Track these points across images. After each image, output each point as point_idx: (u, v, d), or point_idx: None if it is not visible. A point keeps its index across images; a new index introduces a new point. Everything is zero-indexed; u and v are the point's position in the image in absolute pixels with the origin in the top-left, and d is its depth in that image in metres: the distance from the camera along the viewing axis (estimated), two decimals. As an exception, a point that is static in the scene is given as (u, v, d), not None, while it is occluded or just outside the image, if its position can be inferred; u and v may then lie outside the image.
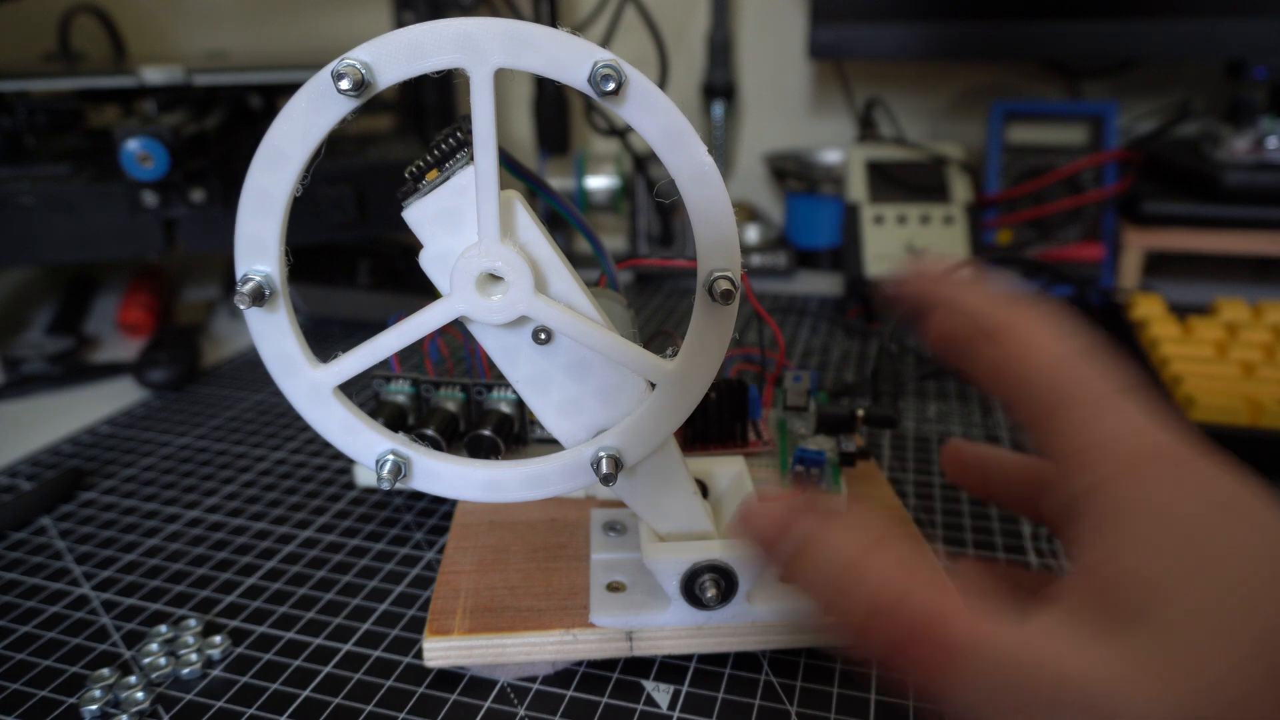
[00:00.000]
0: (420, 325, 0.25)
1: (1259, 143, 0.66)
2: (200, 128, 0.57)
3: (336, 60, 0.22)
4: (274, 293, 0.25)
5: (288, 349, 0.26)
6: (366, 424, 0.27)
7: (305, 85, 0.23)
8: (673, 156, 0.24)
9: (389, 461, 0.27)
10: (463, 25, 0.22)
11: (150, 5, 0.90)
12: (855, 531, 0.21)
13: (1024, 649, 0.19)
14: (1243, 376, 0.47)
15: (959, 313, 0.27)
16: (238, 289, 0.24)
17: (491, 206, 0.24)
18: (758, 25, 0.85)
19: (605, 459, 0.27)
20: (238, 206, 0.24)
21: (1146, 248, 0.69)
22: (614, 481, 0.27)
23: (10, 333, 0.66)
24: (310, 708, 0.30)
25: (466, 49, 0.23)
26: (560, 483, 0.28)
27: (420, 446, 0.27)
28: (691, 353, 0.27)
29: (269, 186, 0.24)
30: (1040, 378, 0.23)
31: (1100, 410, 0.22)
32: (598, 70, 0.23)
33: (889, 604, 0.20)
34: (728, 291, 0.25)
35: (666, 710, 0.29)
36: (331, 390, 0.26)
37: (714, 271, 0.25)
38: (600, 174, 0.77)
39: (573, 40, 0.23)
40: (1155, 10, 0.67)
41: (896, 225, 0.71)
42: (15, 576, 0.37)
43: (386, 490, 0.27)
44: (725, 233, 0.25)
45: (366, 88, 0.23)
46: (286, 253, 0.25)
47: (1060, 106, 0.75)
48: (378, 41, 0.23)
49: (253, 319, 0.25)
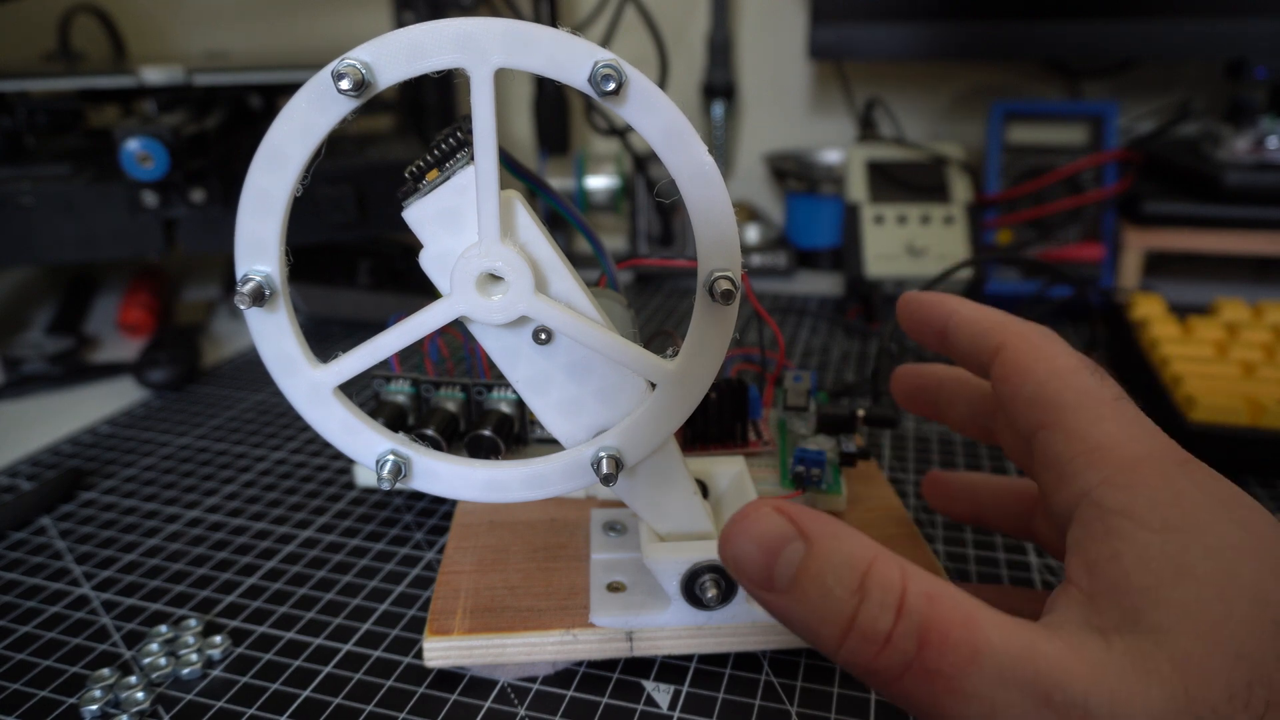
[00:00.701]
0: (420, 325, 0.25)
1: (1259, 143, 0.66)
2: (200, 128, 0.57)
3: (337, 60, 0.22)
4: (274, 293, 0.25)
5: (288, 349, 0.26)
6: (366, 424, 0.27)
7: (305, 85, 0.23)
8: (673, 156, 0.24)
9: (389, 461, 0.27)
10: (463, 25, 0.22)
11: (150, 5, 0.90)
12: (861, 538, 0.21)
13: (1031, 652, 0.19)
14: (1243, 376, 0.47)
15: (963, 329, 0.27)
16: (238, 289, 0.24)
17: (491, 206, 0.24)
18: (758, 25, 0.85)
19: (606, 459, 0.27)
20: (238, 207, 0.24)
21: (1146, 248, 0.69)
22: (614, 482, 0.27)
23: (10, 333, 0.66)
24: (310, 708, 0.30)
25: (467, 49, 0.23)
26: (560, 483, 0.28)
27: (420, 446, 0.27)
28: (692, 353, 0.27)
29: (269, 187, 0.24)
30: (1041, 387, 0.24)
31: (1099, 415, 0.23)
32: (598, 70, 0.23)
33: (917, 605, 0.19)
34: (728, 292, 0.25)
35: (667, 710, 0.29)
36: (331, 390, 0.26)
37: (714, 272, 0.25)
38: (600, 174, 0.77)
39: (573, 40, 0.23)
40: (1155, 10, 0.67)
41: (896, 225, 0.71)
42: (15, 576, 0.37)
43: (387, 490, 0.27)
44: (726, 233, 0.25)
45: (367, 88, 0.23)
46: (287, 253, 0.25)
47: (1060, 106, 0.75)
48: (378, 41, 0.23)
49: (253, 319, 0.25)
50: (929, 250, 0.70)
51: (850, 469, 0.38)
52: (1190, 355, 0.49)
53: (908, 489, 0.43)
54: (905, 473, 0.44)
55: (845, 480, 0.38)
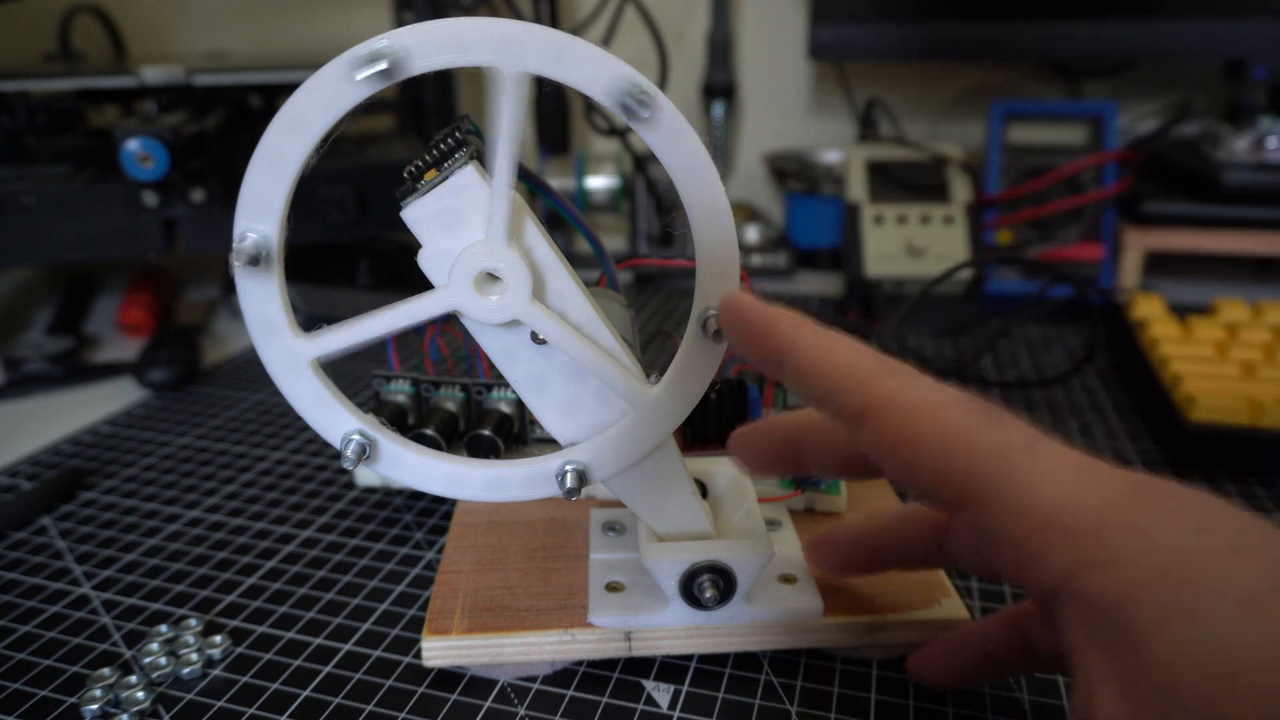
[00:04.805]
0: (411, 313, 0.25)
1: (1259, 143, 0.66)
2: (200, 128, 0.57)
3: (376, 37, 0.22)
4: (270, 257, 0.24)
5: (272, 314, 0.25)
6: (339, 401, 0.26)
7: (339, 57, 0.23)
8: (692, 193, 0.25)
9: (354, 442, 0.27)
10: (510, 27, 0.23)
11: (150, 5, 0.90)
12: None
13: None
14: (1243, 376, 0.47)
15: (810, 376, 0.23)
16: (235, 246, 0.24)
17: (504, 207, 0.24)
18: (758, 25, 0.85)
19: (571, 473, 0.27)
20: (249, 163, 0.24)
21: (1146, 248, 0.69)
22: (577, 495, 0.27)
23: (10, 333, 0.66)
24: (310, 707, 0.30)
25: (507, 51, 0.23)
26: (521, 489, 0.28)
27: (389, 431, 0.27)
28: (674, 382, 0.27)
29: (285, 148, 0.24)
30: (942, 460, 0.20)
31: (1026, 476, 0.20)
32: (633, 96, 0.23)
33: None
34: (721, 331, 0.26)
35: (666, 710, 0.29)
36: (309, 362, 0.26)
37: (710, 309, 0.26)
38: (600, 174, 0.77)
39: (613, 61, 0.23)
40: (1155, 10, 0.67)
41: (896, 225, 0.71)
42: (15, 576, 0.37)
43: (350, 468, 0.27)
44: (729, 270, 0.26)
45: (401, 69, 0.23)
46: (289, 218, 0.25)
47: (1060, 106, 0.75)
48: (422, 27, 0.23)
49: (243, 280, 0.25)
50: (929, 250, 0.70)
51: (850, 469, 0.38)
52: (1190, 355, 0.49)
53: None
54: (905, 473, 0.44)
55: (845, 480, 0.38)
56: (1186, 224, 0.67)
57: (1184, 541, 0.18)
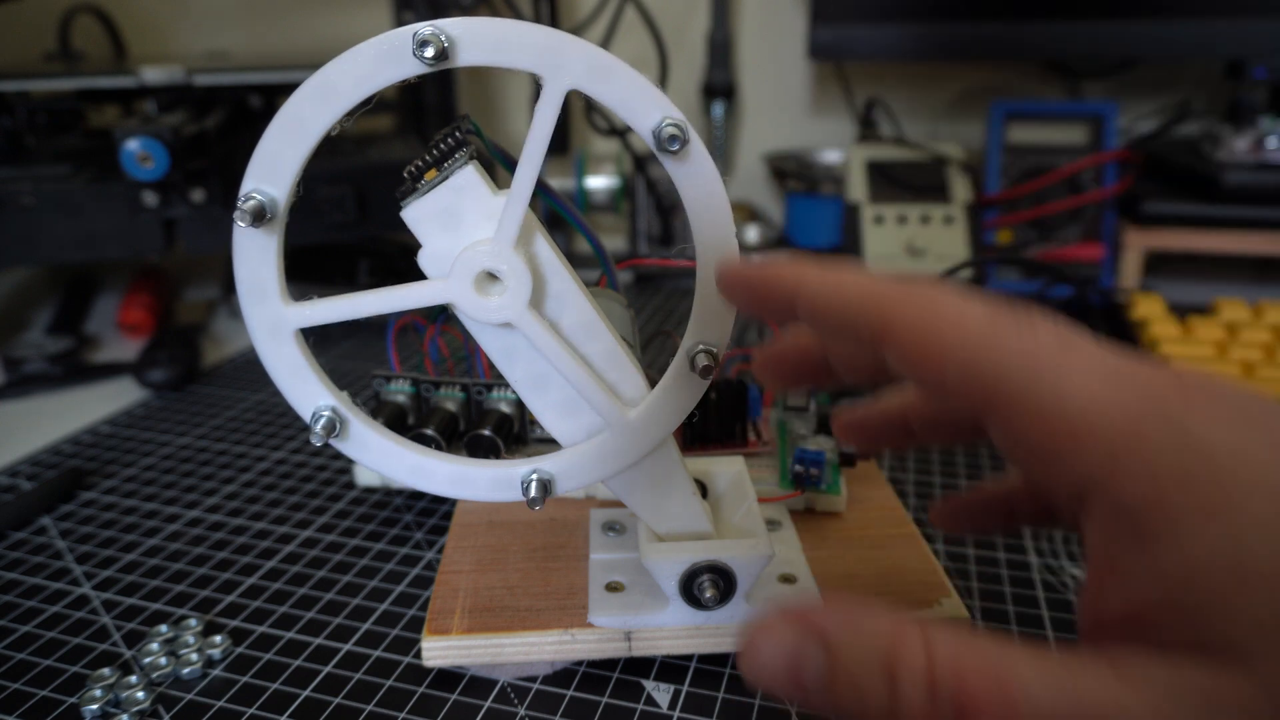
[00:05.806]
0: (404, 298, 0.25)
1: (1259, 143, 0.66)
2: (200, 128, 0.57)
3: (423, 23, 0.22)
4: (274, 219, 0.24)
5: (264, 276, 0.25)
6: (316, 374, 0.26)
7: (378, 37, 0.23)
8: (706, 228, 0.25)
9: (324, 417, 0.26)
10: (556, 37, 0.23)
11: (150, 5, 0.90)
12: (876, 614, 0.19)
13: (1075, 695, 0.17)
14: (1243, 376, 0.47)
15: (824, 310, 0.22)
16: (239, 204, 0.23)
17: (519, 211, 0.24)
18: (758, 25, 0.85)
19: (536, 482, 0.27)
20: (267, 129, 0.23)
21: (1146, 248, 0.69)
22: (540, 505, 0.27)
23: (10, 333, 0.66)
24: (310, 707, 0.30)
25: (548, 60, 0.23)
26: (485, 490, 0.28)
27: (362, 413, 0.27)
28: (652, 408, 0.27)
29: (308, 115, 0.23)
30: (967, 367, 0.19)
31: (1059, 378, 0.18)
32: (665, 126, 0.23)
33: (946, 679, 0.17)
34: (708, 368, 0.26)
35: (667, 710, 0.29)
36: (293, 331, 0.26)
37: (700, 344, 0.26)
38: (600, 174, 0.77)
39: (650, 89, 0.24)
40: (1155, 10, 0.67)
41: (896, 225, 0.71)
42: (15, 576, 0.37)
43: (319, 445, 0.27)
44: (725, 311, 0.26)
45: (443, 59, 0.23)
46: (298, 185, 0.24)
47: (1060, 106, 0.75)
48: (469, 21, 0.23)
49: (241, 237, 0.24)
50: (929, 250, 0.70)
51: (850, 469, 0.38)
52: (1190, 355, 0.49)
53: (907, 489, 0.43)
54: (905, 473, 0.44)
55: (845, 480, 0.38)
56: (1186, 224, 0.67)
57: (1220, 438, 0.17)
